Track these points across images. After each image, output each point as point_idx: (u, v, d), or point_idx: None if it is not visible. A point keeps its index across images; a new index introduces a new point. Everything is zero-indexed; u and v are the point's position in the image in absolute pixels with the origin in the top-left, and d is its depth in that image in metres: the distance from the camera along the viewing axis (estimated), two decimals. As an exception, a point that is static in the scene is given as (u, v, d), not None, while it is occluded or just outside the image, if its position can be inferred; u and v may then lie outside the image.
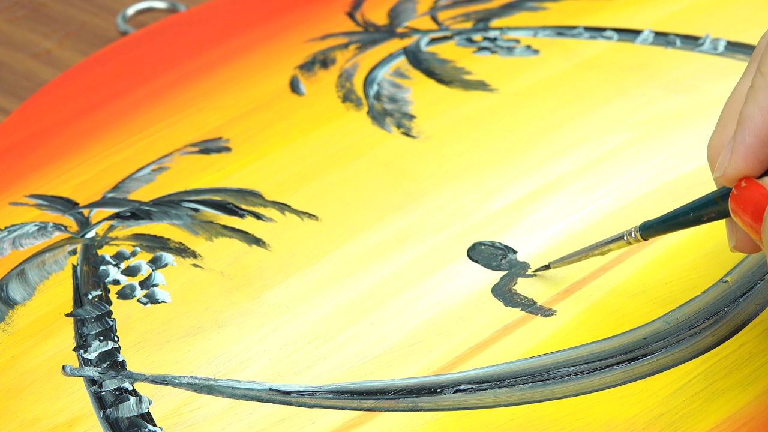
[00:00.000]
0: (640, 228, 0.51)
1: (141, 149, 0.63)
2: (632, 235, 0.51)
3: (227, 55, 0.70)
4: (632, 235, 0.51)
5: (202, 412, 0.49)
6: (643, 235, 0.51)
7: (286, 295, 0.54)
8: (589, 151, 0.61)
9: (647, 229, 0.51)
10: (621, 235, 0.52)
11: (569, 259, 0.54)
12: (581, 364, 0.51)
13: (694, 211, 0.49)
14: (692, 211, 0.49)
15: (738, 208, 0.46)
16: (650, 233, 0.51)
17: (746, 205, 0.46)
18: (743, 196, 0.46)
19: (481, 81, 0.66)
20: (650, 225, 0.50)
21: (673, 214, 0.50)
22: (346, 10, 0.73)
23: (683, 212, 0.49)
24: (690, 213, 0.49)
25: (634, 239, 0.51)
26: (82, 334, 0.53)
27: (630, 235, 0.51)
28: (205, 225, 0.58)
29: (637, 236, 0.51)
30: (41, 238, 0.58)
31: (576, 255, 0.53)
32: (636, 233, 0.51)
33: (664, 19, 0.70)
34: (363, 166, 0.61)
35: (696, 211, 0.49)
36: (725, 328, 0.52)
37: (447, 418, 0.49)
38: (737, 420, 0.49)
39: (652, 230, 0.51)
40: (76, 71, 0.70)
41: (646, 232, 0.51)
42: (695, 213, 0.49)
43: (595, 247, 0.53)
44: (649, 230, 0.51)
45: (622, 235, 0.51)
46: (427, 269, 0.55)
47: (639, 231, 0.51)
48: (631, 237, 0.51)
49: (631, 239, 0.51)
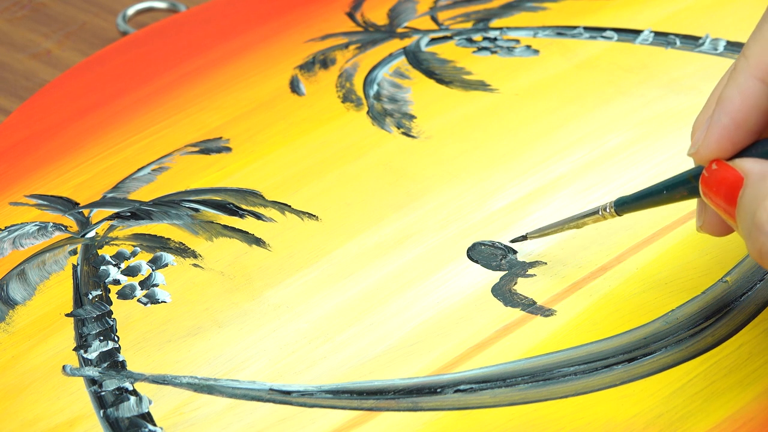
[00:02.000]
0: (615, 203, 0.51)
1: (141, 149, 0.63)
2: (607, 210, 0.52)
3: (227, 55, 0.70)
4: (607, 210, 0.52)
5: (203, 412, 0.49)
6: (618, 210, 0.51)
7: (286, 295, 0.54)
8: (589, 151, 0.61)
9: (622, 205, 0.51)
10: (596, 210, 0.52)
11: (546, 231, 0.54)
12: (581, 364, 0.51)
13: (667, 189, 0.50)
14: (666, 189, 0.50)
15: (709, 190, 0.47)
16: (624, 209, 0.51)
17: (718, 187, 0.46)
18: (714, 178, 0.46)
19: (481, 81, 0.66)
20: (625, 201, 0.51)
21: (648, 191, 0.50)
22: (346, 10, 0.73)
23: (657, 190, 0.50)
24: (663, 191, 0.50)
25: (609, 214, 0.52)
26: (82, 334, 0.53)
27: (605, 210, 0.52)
28: (206, 225, 0.58)
29: (612, 211, 0.52)
30: (41, 238, 0.58)
31: (552, 227, 0.54)
32: (611, 208, 0.52)
33: (664, 19, 0.70)
34: (363, 166, 0.61)
35: (669, 189, 0.49)
36: (725, 328, 0.52)
37: (447, 418, 0.49)
38: (737, 420, 0.49)
39: (626, 206, 0.51)
40: (76, 71, 0.70)
41: (620, 207, 0.51)
42: (669, 191, 0.49)
43: (571, 220, 0.53)
44: (624, 206, 0.51)
45: (597, 209, 0.52)
46: (427, 269, 0.55)
47: (614, 206, 0.51)
48: (606, 212, 0.52)
49: (606, 214, 0.52)
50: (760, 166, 0.46)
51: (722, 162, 0.46)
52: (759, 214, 0.44)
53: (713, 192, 0.47)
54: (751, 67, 0.47)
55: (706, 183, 0.47)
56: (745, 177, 0.46)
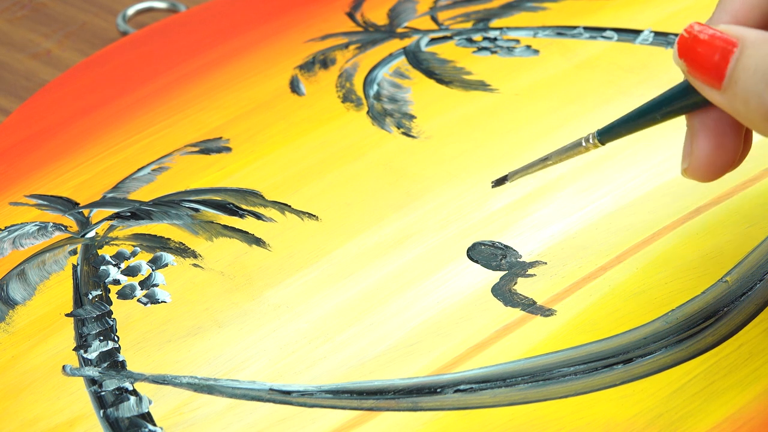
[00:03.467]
0: (597, 132, 0.51)
1: (141, 149, 0.63)
2: (590, 141, 0.51)
3: (227, 55, 0.70)
4: (590, 140, 0.51)
5: (203, 412, 0.49)
6: (601, 139, 0.51)
7: (286, 295, 0.54)
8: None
9: (604, 133, 0.51)
10: (578, 141, 0.52)
11: (527, 170, 0.53)
12: (581, 364, 0.51)
13: (651, 110, 0.49)
14: (650, 110, 0.49)
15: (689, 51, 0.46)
16: (607, 137, 0.51)
17: (705, 48, 0.45)
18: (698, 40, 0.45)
19: (481, 81, 0.66)
20: (607, 129, 0.51)
21: (629, 115, 0.50)
22: (346, 10, 0.73)
23: (638, 112, 0.49)
24: (646, 111, 0.49)
25: (592, 144, 0.51)
26: (82, 334, 0.53)
27: (588, 140, 0.51)
28: (206, 225, 0.58)
29: (594, 141, 0.51)
30: (41, 238, 0.58)
31: (534, 164, 0.53)
32: (594, 138, 0.51)
33: (664, 19, 0.70)
34: (363, 166, 0.61)
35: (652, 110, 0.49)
36: (725, 328, 0.52)
37: (447, 418, 0.49)
38: (737, 420, 0.49)
39: (609, 133, 0.51)
40: (76, 71, 0.70)
41: (603, 136, 0.51)
42: (652, 111, 0.49)
43: (554, 155, 0.53)
44: (607, 134, 0.51)
45: (580, 141, 0.52)
46: (427, 269, 0.55)
47: (597, 136, 0.51)
48: (589, 143, 0.51)
49: (590, 145, 0.51)
50: (757, 32, 0.45)
51: (706, 25, 0.46)
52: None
53: (696, 54, 0.46)
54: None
55: (687, 44, 0.46)
56: (741, 40, 0.45)
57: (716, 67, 0.45)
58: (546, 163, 0.53)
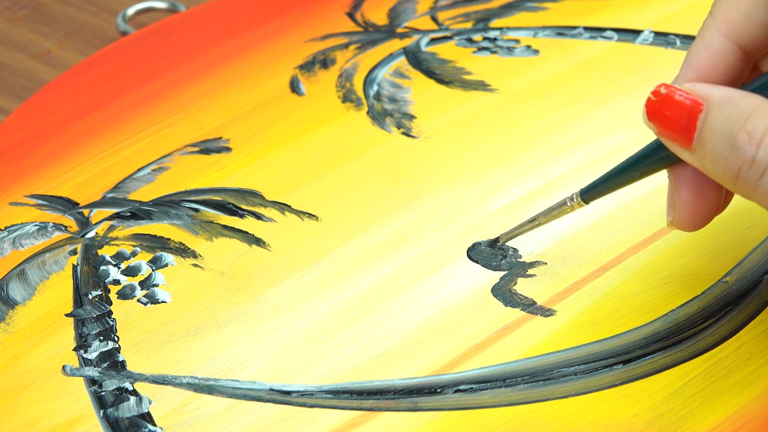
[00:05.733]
0: (580, 192, 0.52)
1: (141, 149, 0.63)
2: (574, 200, 0.52)
3: (227, 55, 0.70)
4: (574, 200, 0.52)
5: (202, 412, 0.49)
6: (584, 198, 0.52)
7: (286, 295, 0.54)
8: (589, 151, 0.61)
9: (587, 192, 0.52)
10: (563, 201, 0.53)
11: (516, 231, 0.55)
12: (581, 364, 0.51)
13: (629, 168, 0.50)
14: (628, 167, 0.50)
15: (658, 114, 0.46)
16: (590, 196, 0.52)
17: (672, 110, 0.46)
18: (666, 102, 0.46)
19: (481, 81, 0.66)
20: (589, 188, 0.51)
21: (608, 174, 0.51)
22: (346, 10, 0.73)
23: (617, 170, 0.50)
24: (626, 170, 0.50)
25: (576, 204, 0.52)
26: (82, 334, 0.53)
27: (572, 200, 0.52)
28: (205, 225, 0.58)
29: (578, 200, 0.52)
30: (41, 238, 0.58)
31: (522, 226, 0.54)
32: (577, 197, 0.52)
33: (664, 19, 0.70)
34: (363, 166, 0.61)
35: (630, 167, 0.50)
36: (725, 328, 0.52)
37: (447, 418, 0.49)
38: (737, 420, 0.49)
39: (591, 192, 0.51)
40: (76, 71, 0.70)
41: (586, 195, 0.52)
42: (630, 169, 0.50)
43: (540, 216, 0.54)
44: (589, 193, 0.52)
45: (565, 201, 0.53)
46: (427, 269, 0.55)
47: (580, 195, 0.52)
48: (573, 202, 0.52)
49: (574, 204, 0.52)
50: (721, 90, 0.45)
51: (673, 87, 0.46)
52: (740, 136, 0.44)
53: (665, 117, 0.46)
54: (717, 24, 0.47)
55: (655, 107, 0.47)
56: (706, 100, 0.45)
57: (684, 129, 0.46)
58: (534, 223, 0.54)
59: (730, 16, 0.47)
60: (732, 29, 0.47)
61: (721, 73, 0.47)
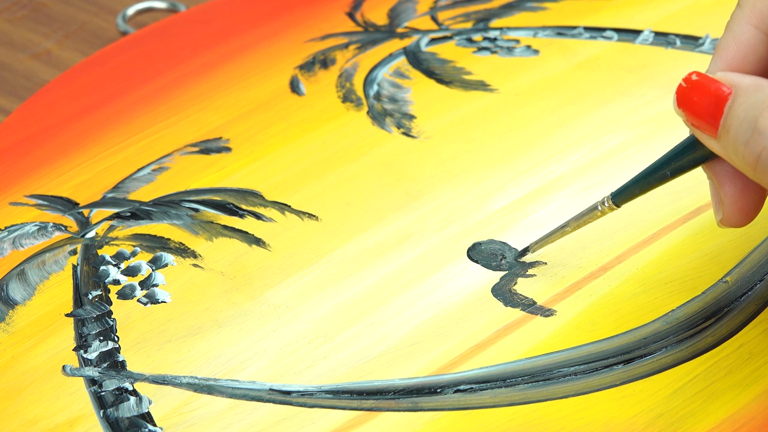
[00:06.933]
0: (611, 195, 0.51)
1: (141, 149, 0.63)
2: (606, 204, 0.52)
3: (227, 55, 0.70)
4: (605, 203, 0.52)
5: (202, 412, 0.49)
6: (615, 201, 0.51)
7: (286, 295, 0.54)
8: (589, 151, 0.61)
9: (618, 195, 0.51)
10: (594, 206, 0.52)
11: (547, 239, 0.54)
12: (581, 364, 0.51)
13: (660, 168, 0.49)
14: (659, 167, 0.49)
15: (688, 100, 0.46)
16: (622, 199, 0.51)
17: (701, 97, 0.46)
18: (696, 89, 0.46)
19: (481, 81, 0.66)
20: (620, 191, 0.51)
21: (639, 176, 0.50)
22: (346, 10, 0.73)
23: (650, 170, 0.50)
24: (657, 169, 0.49)
25: (608, 208, 0.52)
26: (82, 334, 0.53)
27: (604, 204, 0.52)
28: (205, 225, 0.58)
29: (610, 204, 0.51)
30: (41, 238, 0.58)
31: (553, 233, 0.54)
32: (608, 201, 0.51)
33: (664, 19, 0.70)
34: (363, 166, 0.61)
35: (661, 167, 0.49)
36: (725, 328, 0.52)
37: (447, 418, 0.49)
38: (737, 420, 0.49)
39: (622, 195, 0.51)
40: (76, 71, 0.70)
41: (617, 198, 0.51)
42: (662, 169, 0.49)
43: (571, 222, 0.53)
44: (620, 196, 0.51)
45: (596, 205, 0.52)
46: (427, 269, 0.55)
47: (611, 199, 0.51)
48: (605, 206, 0.52)
49: (605, 208, 0.52)
50: (750, 79, 0.45)
51: (704, 74, 0.46)
52: (761, 121, 0.44)
53: (693, 103, 0.46)
54: (746, 15, 0.47)
55: (685, 93, 0.47)
56: (734, 88, 0.45)
57: (711, 116, 0.46)
58: (565, 230, 0.54)
59: (759, 6, 0.47)
60: (761, 19, 0.47)
61: (752, 63, 0.47)
